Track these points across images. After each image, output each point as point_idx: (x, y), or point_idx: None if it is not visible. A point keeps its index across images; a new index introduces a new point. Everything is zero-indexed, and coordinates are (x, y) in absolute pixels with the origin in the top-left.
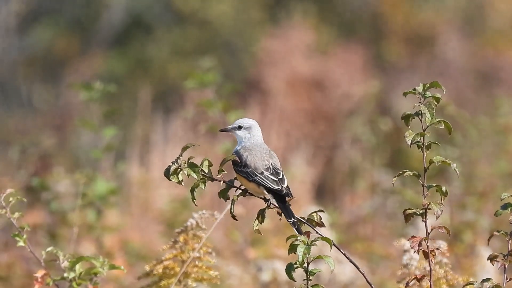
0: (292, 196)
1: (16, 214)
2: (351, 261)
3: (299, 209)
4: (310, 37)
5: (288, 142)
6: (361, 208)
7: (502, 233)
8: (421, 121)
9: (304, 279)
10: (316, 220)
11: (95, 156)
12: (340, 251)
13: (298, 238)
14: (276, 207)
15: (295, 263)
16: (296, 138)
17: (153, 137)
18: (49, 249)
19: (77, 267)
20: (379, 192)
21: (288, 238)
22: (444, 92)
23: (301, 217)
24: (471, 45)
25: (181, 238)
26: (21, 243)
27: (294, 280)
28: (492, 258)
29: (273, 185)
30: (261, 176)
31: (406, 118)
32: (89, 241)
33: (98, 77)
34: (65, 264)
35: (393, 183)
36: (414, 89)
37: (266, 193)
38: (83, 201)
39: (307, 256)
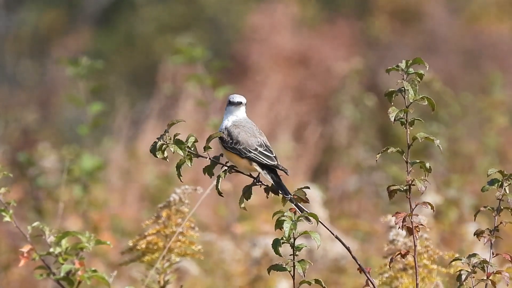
0: (288, 172)
1: (2, 190)
2: (336, 237)
3: (288, 186)
4: (295, 12)
5: (274, 118)
6: (347, 185)
7: (489, 209)
8: (404, 97)
9: (290, 254)
10: (301, 196)
11: (81, 132)
12: (325, 227)
13: (285, 213)
14: (272, 184)
15: (282, 239)
16: (282, 115)
17: (141, 112)
18: (35, 224)
19: (63, 242)
20: (365, 168)
21: (274, 214)
22: (427, 68)
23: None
24: (457, 21)
25: (164, 213)
26: (7, 218)
27: (281, 255)
28: (478, 234)
29: (268, 161)
30: (255, 152)
31: (389, 95)
32: (76, 217)
33: (84, 53)
34: (51, 239)
35: (376, 160)
36: (397, 66)
37: (260, 169)
38: (69, 176)
39: (294, 231)
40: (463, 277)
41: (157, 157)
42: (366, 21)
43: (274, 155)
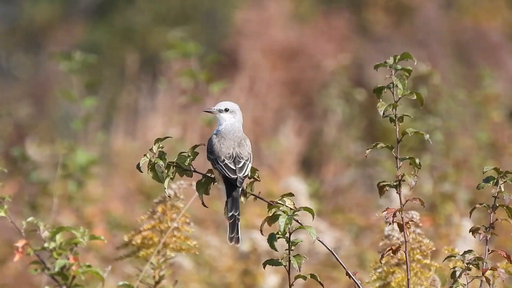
0: (243, 188)
1: None
2: (319, 240)
3: (278, 179)
4: (289, 6)
5: (264, 113)
6: (341, 179)
7: (484, 206)
8: (392, 93)
9: (286, 249)
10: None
11: (75, 127)
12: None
13: (280, 208)
14: (226, 197)
15: (277, 233)
16: (272, 110)
17: (139, 106)
18: (30, 219)
19: (58, 237)
20: (356, 163)
21: (269, 209)
22: (416, 63)
23: (253, 193)
24: (450, 15)
25: (159, 209)
26: (2, 214)
27: (276, 250)
28: (474, 231)
29: (230, 174)
30: (221, 164)
31: (378, 91)
32: (70, 212)
33: (79, 47)
34: (45, 234)
35: (366, 156)
36: (385, 62)
37: (220, 184)
38: (63, 171)
39: (289, 226)
40: (457, 273)
41: (142, 172)
42: (360, 14)
43: (241, 166)
